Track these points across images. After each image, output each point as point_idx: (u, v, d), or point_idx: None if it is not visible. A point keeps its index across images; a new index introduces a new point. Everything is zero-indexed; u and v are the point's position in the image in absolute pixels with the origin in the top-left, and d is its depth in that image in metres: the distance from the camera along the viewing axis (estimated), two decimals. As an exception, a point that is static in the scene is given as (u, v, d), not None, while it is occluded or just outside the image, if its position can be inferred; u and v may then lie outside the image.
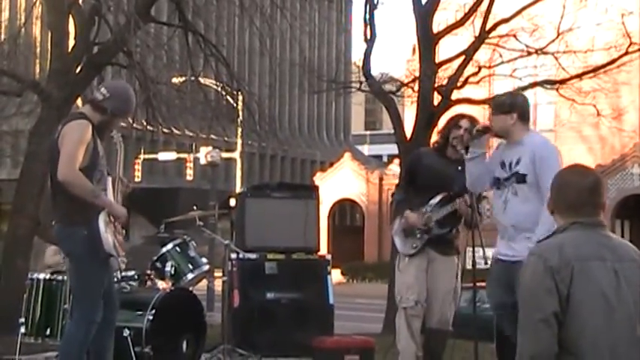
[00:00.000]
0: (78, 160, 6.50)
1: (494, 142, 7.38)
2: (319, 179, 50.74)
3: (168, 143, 45.39)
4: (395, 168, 49.64)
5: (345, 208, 55.83)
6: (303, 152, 68.58)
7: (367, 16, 17.56)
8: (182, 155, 46.57)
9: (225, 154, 41.47)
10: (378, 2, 17.61)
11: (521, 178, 6.64)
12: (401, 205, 7.63)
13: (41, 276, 8.74)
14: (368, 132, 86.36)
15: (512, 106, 6.80)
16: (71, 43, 15.23)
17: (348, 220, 59.12)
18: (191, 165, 47.18)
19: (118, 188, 6.93)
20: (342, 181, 50.66)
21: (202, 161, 44.14)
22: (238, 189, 45.81)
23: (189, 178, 48.31)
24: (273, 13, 18.33)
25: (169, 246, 8.99)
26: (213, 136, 44.72)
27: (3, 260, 14.10)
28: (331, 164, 58.61)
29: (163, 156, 46.09)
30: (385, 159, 70.57)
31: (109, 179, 6.82)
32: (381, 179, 52.16)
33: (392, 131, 18.05)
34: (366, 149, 76.40)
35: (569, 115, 26.78)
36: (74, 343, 6.67)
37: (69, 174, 6.45)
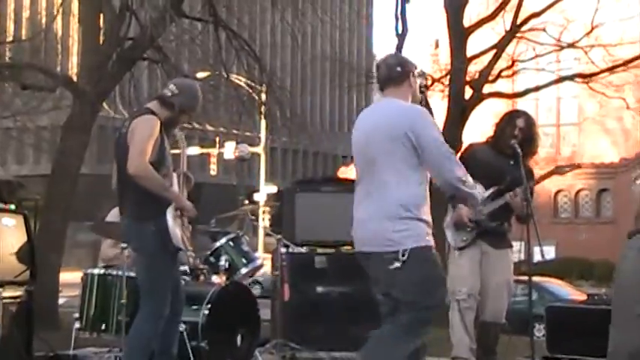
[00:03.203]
0: (148, 153, 6.48)
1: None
2: (343, 174, 50.70)
3: (190, 138, 45.35)
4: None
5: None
6: (325, 147, 68.56)
7: (399, 11, 17.50)
8: (205, 150, 46.56)
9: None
10: (411, -3, 17.58)
11: None
12: (453, 198, 7.56)
13: (95, 271, 8.70)
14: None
15: None
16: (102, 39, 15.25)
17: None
18: (215, 160, 47.21)
19: (183, 184, 6.94)
20: (365, 176, 50.18)
21: (228, 156, 44.13)
22: (263, 184, 45.97)
23: (212, 173, 48.32)
24: (294, 6, 18.31)
25: (223, 240, 8.95)
26: (234, 131, 44.74)
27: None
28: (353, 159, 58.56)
29: (186, 151, 46.14)
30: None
31: (175, 175, 6.82)
32: (404, 173, 52.04)
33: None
34: (387, 143, 76.23)
35: (597, 108, 26.79)
36: (142, 338, 6.65)
37: (139, 167, 6.44)
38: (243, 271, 9.02)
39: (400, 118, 5.79)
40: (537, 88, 20.86)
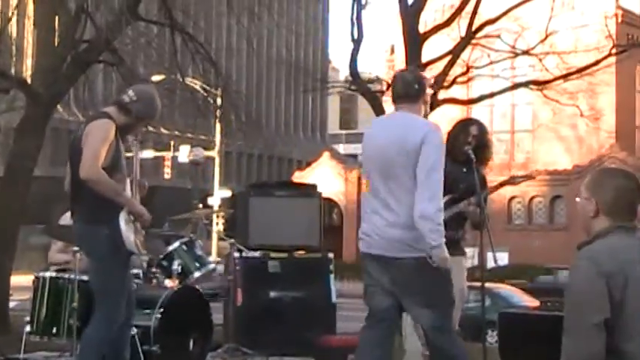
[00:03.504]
0: (101, 158, 6.44)
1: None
2: (298, 178, 50.70)
3: (145, 141, 45.20)
4: (373, 167, 49.68)
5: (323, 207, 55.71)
6: (279, 151, 68.49)
7: (354, 16, 17.53)
8: (159, 154, 46.37)
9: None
10: (366, 2, 17.61)
11: None
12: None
13: (47, 274, 8.60)
14: (344, 131, 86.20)
15: None
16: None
17: (326, 219, 59.01)
18: (169, 163, 47.02)
19: (136, 189, 6.91)
20: (320, 180, 50.32)
21: (183, 160, 44.00)
22: (217, 188, 45.84)
23: (167, 176, 48.09)
24: (250, 10, 18.28)
25: (176, 244, 8.89)
26: (189, 134, 44.53)
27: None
28: (308, 163, 58.54)
29: (139, 156, 45.98)
30: (361, 158, 70.48)
31: (128, 180, 6.79)
32: (359, 178, 51.97)
33: (367, 131, 18.10)
34: (341, 148, 76.17)
35: (551, 115, 27.01)
36: (94, 342, 6.62)
37: (92, 171, 6.40)
38: (196, 274, 8.99)
39: (416, 131, 6.02)
40: (492, 95, 21.04)
